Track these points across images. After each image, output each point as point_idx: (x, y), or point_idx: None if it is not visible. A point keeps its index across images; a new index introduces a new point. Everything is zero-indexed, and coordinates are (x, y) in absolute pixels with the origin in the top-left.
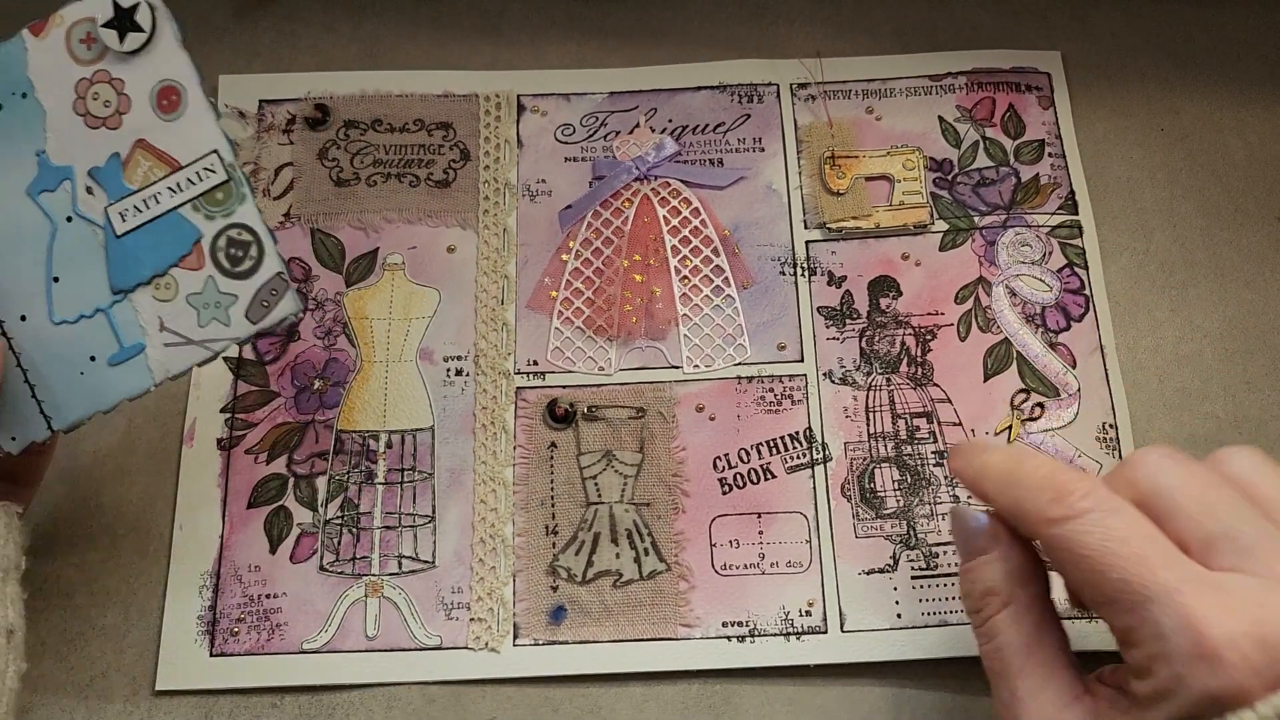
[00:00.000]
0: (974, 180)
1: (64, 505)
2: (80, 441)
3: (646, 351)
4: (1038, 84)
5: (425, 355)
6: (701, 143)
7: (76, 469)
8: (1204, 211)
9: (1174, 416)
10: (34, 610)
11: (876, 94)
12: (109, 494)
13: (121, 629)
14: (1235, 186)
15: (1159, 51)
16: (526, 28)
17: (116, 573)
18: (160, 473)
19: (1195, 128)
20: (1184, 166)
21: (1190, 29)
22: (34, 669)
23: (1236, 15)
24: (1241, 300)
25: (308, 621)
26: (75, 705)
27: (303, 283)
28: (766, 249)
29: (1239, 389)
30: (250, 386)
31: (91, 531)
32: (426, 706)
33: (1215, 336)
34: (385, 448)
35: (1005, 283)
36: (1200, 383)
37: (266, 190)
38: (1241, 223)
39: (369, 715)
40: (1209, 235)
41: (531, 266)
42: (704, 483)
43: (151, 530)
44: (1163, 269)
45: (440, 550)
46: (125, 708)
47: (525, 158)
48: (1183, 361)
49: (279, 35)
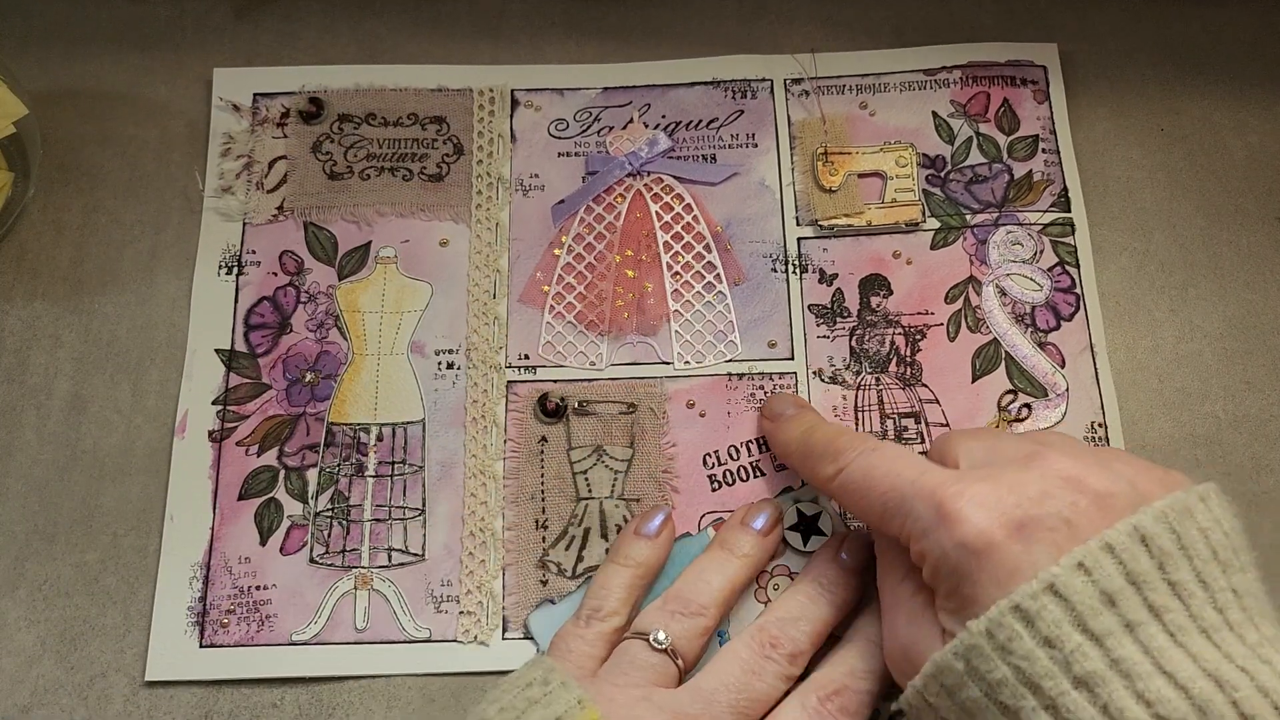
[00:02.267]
0: (967, 177)
1: (64, 505)
2: (80, 441)
3: (638, 347)
4: (1033, 77)
5: (417, 348)
6: (695, 138)
7: (76, 469)
8: (1204, 211)
9: (1174, 416)
10: (34, 610)
11: (870, 89)
12: (109, 494)
13: (121, 628)
14: (1235, 186)
15: (1159, 51)
16: (525, 27)
17: (116, 572)
18: (160, 473)
19: (1195, 128)
20: (1184, 166)
21: (1190, 29)
22: (34, 669)
23: (1236, 15)
24: (1241, 300)
25: (297, 613)
26: (75, 705)
27: (295, 276)
28: (758, 245)
29: (1239, 389)
30: (242, 379)
31: (91, 531)
32: (426, 706)
33: (1215, 336)
34: (376, 440)
35: (996, 281)
36: (1200, 383)
37: (260, 183)
38: (1241, 223)
39: (368, 715)
40: (1208, 235)
41: (524, 261)
42: (694, 479)
43: (151, 530)
44: (1162, 269)
45: (430, 543)
46: (125, 707)
47: (518, 152)
48: (1182, 361)
49: (278, 35)
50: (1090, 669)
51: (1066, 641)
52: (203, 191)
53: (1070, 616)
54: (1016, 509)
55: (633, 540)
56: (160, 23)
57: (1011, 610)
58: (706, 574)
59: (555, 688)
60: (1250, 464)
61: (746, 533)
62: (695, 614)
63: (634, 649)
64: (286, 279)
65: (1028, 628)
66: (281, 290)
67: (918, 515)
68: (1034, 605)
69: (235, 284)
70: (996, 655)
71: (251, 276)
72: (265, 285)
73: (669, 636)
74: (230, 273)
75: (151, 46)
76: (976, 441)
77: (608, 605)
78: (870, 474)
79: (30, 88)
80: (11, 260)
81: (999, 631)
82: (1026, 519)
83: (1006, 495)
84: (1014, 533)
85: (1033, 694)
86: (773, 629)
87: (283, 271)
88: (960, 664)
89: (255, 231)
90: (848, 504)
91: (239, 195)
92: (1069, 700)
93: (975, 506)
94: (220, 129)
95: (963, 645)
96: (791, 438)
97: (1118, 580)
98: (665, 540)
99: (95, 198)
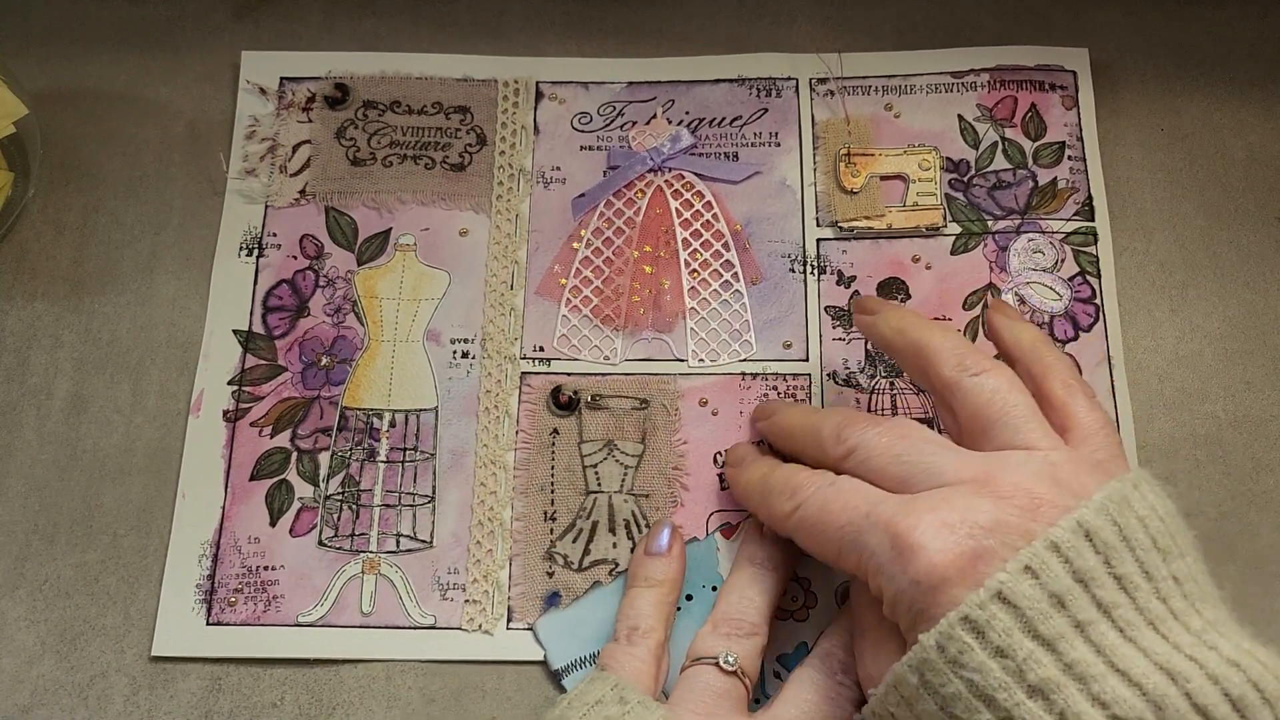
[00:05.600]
0: (990, 183)
1: (64, 505)
2: (80, 441)
3: (652, 343)
4: (1062, 83)
5: (432, 336)
6: (717, 136)
7: (76, 469)
8: (1204, 212)
9: (1174, 416)
10: (34, 610)
11: (896, 90)
12: (109, 494)
13: (121, 628)
14: (1235, 186)
15: (1159, 51)
16: (526, 28)
17: (116, 572)
18: (160, 472)
19: (1195, 128)
20: (1184, 166)
21: (1190, 29)
22: (34, 669)
23: (1236, 15)
24: (1241, 300)
25: (304, 595)
26: (75, 705)
27: (315, 260)
28: (777, 245)
29: (1239, 389)
30: (258, 360)
31: (91, 531)
32: (426, 706)
33: (1215, 336)
34: (389, 426)
35: (1015, 289)
36: (1200, 383)
37: (283, 167)
38: (1241, 223)
39: (369, 715)
40: (1209, 235)
41: (542, 253)
42: (704, 477)
43: (152, 529)
44: (1163, 269)
45: (439, 531)
46: (125, 707)
47: (541, 144)
48: (1183, 361)
49: (279, 35)
50: (1044, 676)
51: (1018, 650)
52: (226, 173)
53: (1020, 624)
54: (969, 539)
55: (646, 561)
56: (160, 23)
57: (961, 622)
58: (748, 592)
59: (634, 706)
60: (1250, 464)
61: (771, 544)
62: (750, 634)
63: (705, 674)
64: (306, 263)
65: (978, 639)
66: (301, 274)
67: (873, 550)
68: (983, 615)
69: (255, 266)
70: (948, 669)
71: (271, 259)
72: (285, 268)
73: (736, 658)
74: (251, 254)
75: (151, 46)
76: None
77: (644, 623)
78: (826, 508)
79: (30, 88)
80: (11, 260)
81: (949, 645)
82: (980, 550)
83: (959, 524)
84: (967, 567)
85: (987, 707)
86: (840, 654)
87: (302, 255)
88: (914, 677)
89: (277, 215)
90: (807, 543)
91: (262, 178)
92: (1024, 711)
93: (928, 538)
94: (246, 112)
95: (915, 659)
96: (752, 479)
97: (1065, 580)
98: (678, 554)
99: (95, 198)
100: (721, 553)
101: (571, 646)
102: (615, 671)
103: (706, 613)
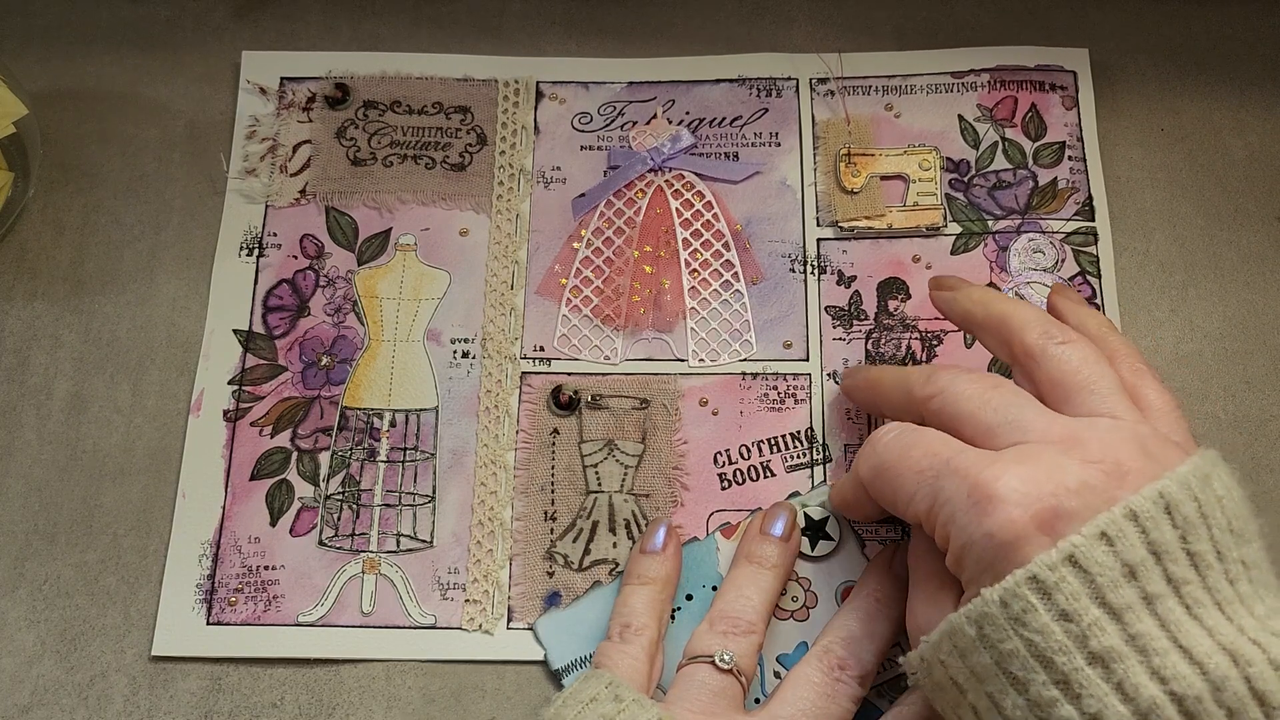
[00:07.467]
0: (990, 183)
1: (64, 505)
2: (80, 441)
3: (653, 343)
4: (1062, 83)
5: (433, 336)
6: (717, 136)
7: (77, 469)
8: (1204, 212)
9: None
10: (34, 610)
11: (897, 90)
12: (109, 494)
13: (121, 628)
14: (1235, 186)
15: (1159, 51)
16: (525, 27)
17: (116, 572)
18: (160, 472)
19: (1195, 128)
20: (1184, 166)
21: (1190, 29)
22: (34, 669)
23: (1236, 15)
24: (1241, 300)
25: (304, 595)
26: (75, 705)
27: (315, 259)
28: (777, 245)
29: (1239, 389)
30: (258, 360)
31: (91, 531)
32: (426, 707)
33: (1215, 336)
34: (389, 426)
35: (1015, 289)
36: (1200, 383)
37: (283, 167)
38: (1241, 223)
39: (368, 715)
40: (1209, 235)
41: (542, 253)
42: (704, 477)
43: (152, 529)
44: (1163, 269)
45: (439, 530)
46: (125, 707)
47: (541, 144)
48: (1183, 361)
49: (278, 35)
50: (1107, 644)
51: (1084, 616)
52: (226, 173)
53: (1089, 590)
54: (1052, 498)
55: (641, 559)
56: (160, 23)
57: (1028, 581)
58: (745, 590)
59: (629, 704)
60: (1250, 464)
61: (770, 542)
62: (747, 632)
63: (701, 673)
64: (306, 262)
65: (1044, 600)
66: (301, 274)
67: (949, 496)
68: (1052, 577)
69: (255, 266)
70: (1010, 626)
71: (272, 259)
72: (285, 268)
73: (733, 656)
74: (251, 254)
75: (151, 46)
76: (965, 399)
77: (637, 621)
78: (907, 451)
79: (30, 88)
80: (11, 260)
81: (1014, 602)
82: (1061, 511)
83: (1044, 481)
84: (1045, 526)
85: (1044, 669)
86: (839, 650)
87: (303, 255)
88: (972, 629)
89: (277, 214)
90: (879, 485)
91: (262, 178)
92: (1082, 676)
93: (1009, 490)
94: (246, 112)
95: (976, 611)
96: (845, 486)
97: (1140, 550)
98: (673, 552)
99: (95, 198)
100: (721, 552)
101: (572, 646)
102: (609, 669)
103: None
